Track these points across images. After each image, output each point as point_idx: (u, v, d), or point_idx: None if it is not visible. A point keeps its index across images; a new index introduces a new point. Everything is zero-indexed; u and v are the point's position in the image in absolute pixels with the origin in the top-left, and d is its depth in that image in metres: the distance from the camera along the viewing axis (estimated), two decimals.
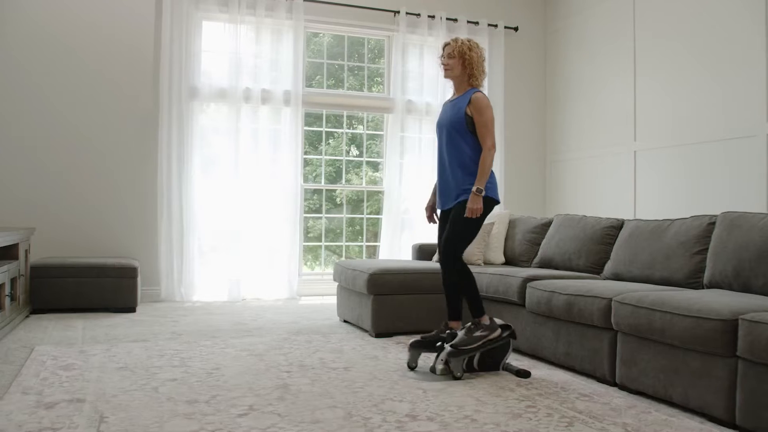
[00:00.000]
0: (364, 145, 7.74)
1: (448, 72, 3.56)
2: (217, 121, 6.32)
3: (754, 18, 4.90)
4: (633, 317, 3.03)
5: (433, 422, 2.62)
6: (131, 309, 5.31)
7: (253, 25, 6.36)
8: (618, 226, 4.27)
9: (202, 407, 2.78)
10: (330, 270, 8.02)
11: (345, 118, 7.67)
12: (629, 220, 4.21)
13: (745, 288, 3.17)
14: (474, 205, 3.35)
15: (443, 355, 3.42)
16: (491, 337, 3.43)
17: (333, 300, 6.30)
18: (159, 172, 6.03)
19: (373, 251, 7.54)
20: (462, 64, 3.52)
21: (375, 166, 8.42)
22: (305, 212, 7.04)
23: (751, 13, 4.93)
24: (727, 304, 2.69)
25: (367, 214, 7.87)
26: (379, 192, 7.33)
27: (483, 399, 2.97)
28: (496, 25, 7.16)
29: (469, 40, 3.56)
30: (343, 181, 7.66)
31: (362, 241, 7.80)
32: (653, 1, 5.92)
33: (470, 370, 3.46)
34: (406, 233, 6.93)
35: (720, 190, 5.15)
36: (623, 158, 6.21)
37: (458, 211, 3.47)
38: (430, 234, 6.72)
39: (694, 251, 3.55)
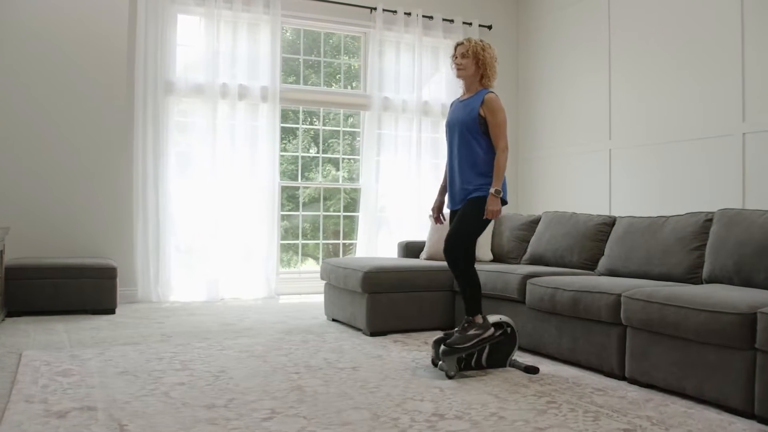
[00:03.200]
0: (341, 142, 7.69)
1: (461, 72, 3.55)
2: (194, 117, 6.15)
3: (730, 18, 5.06)
4: (644, 312, 3.09)
5: (462, 421, 2.62)
6: (111, 311, 5.14)
7: (230, 19, 6.23)
8: (610, 222, 4.36)
9: (223, 412, 2.71)
10: (306, 268, 7.98)
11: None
12: (621, 217, 4.30)
13: (747, 282, 3.28)
14: (493, 206, 3.36)
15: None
16: (484, 336, 3.43)
17: (314, 299, 6.27)
18: (134, 169, 5.86)
19: (338, 249, 7.52)
20: (476, 64, 3.52)
21: (336, 164, 8.38)
22: None
23: (728, 14, 5.08)
24: (741, 298, 2.78)
25: (332, 212, 7.84)
26: (342, 190, 7.31)
27: (502, 396, 2.99)
28: (470, 23, 7.20)
29: (482, 41, 3.57)
30: (320, 177, 7.59)
31: (329, 240, 7.76)
32: (629, 1, 6.05)
33: (479, 367, 3.48)
34: (383, 231, 6.91)
35: (696, 188, 5.30)
36: (598, 156, 6.34)
37: (467, 208, 3.46)
38: (406, 232, 6.75)
39: (692, 247, 3.65)
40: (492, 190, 3.37)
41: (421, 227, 6.87)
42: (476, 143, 3.47)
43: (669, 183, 5.56)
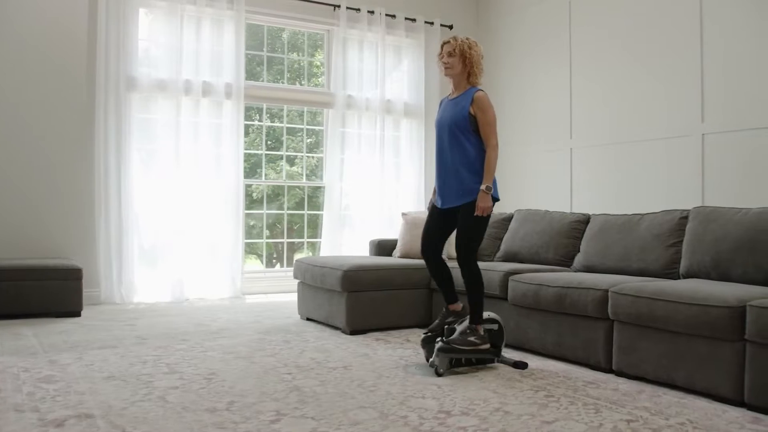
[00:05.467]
0: (304, 139, 7.63)
1: (449, 70, 3.58)
2: (157, 113, 5.99)
3: (689, 21, 5.27)
4: (633, 307, 3.20)
5: (470, 417, 2.66)
6: (76, 313, 4.96)
7: (193, 14, 6.10)
8: (584, 220, 4.48)
9: (227, 415, 2.67)
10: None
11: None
12: (596, 215, 4.43)
13: (724, 277, 3.44)
14: (484, 203, 3.40)
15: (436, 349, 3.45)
16: (480, 347, 3.45)
17: (281, 298, 6.24)
18: (96, 167, 5.67)
19: (288, 248, 7.49)
20: (462, 62, 3.55)
21: (292, 161, 8.33)
22: None
23: (687, 16, 5.29)
24: (729, 292, 2.91)
25: (284, 209, 7.80)
26: (298, 188, 7.28)
27: (500, 391, 3.04)
28: (432, 23, 7.27)
29: (468, 39, 3.60)
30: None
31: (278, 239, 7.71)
32: (589, 4, 6.21)
33: (468, 363, 3.52)
34: (347, 229, 6.90)
35: (656, 187, 5.49)
36: (559, 155, 6.49)
37: (468, 211, 3.49)
38: (370, 230, 6.77)
39: (669, 243, 3.80)
40: (483, 187, 3.41)
41: (384, 225, 6.90)
42: (467, 141, 3.50)
43: (629, 182, 5.75)
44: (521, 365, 3.50)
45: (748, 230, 3.37)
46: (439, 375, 3.33)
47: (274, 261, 8.84)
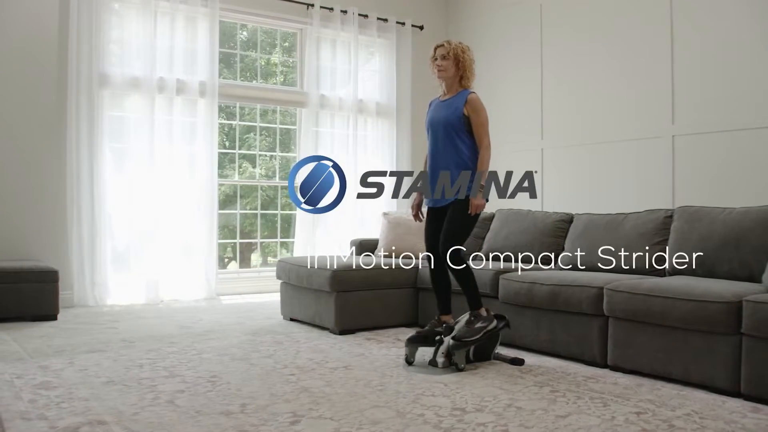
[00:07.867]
0: (279, 135, 7.56)
1: (442, 73, 3.65)
2: (130, 112, 5.86)
3: (660, 24, 5.45)
4: (629, 303, 3.32)
5: (485, 413, 2.71)
6: (52, 317, 4.82)
7: (167, 11, 5.99)
8: (568, 219, 4.60)
9: (244, 418, 2.65)
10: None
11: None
12: (579, 214, 4.55)
13: (710, 274, 3.59)
14: (478, 201, 3.49)
15: (444, 348, 3.52)
16: (490, 327, 3.57)
17: (257, 299, 6.19)
18: (68, 166, 5.51)
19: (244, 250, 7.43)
20: (456, 65, 3.63)
21: (252, 160, 8.25)
22: None
23: (658, 19, 5.47)
24: (724, 288, 3.05)
25: (248, 209, 7.73)
26: (261, 188, 7.24)
27: (506, 388, 3.11)
28: (403, 23, 7.31)
29: (460, 43, 3.68)
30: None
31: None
32: (560, 6, 6.36)
33: (467, 361, 3.58)
34: (320, 229, 6.89)
35: (627, 188, 5.66)
36: (530, 156, 6.62)
37: (455, 211, 3.56)
38: (343, 230, 6.77)
39: (654, 242, 3.94)
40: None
41: (356, 225, 6.92)
42: (460, 141, 3.58)
43: (600, 182, 5.91)
44: (518, 362, 3.58)
45: (733, 229, 3.53)
46: (460, 370, 3.40)
47: (225, 261, 8.74)
